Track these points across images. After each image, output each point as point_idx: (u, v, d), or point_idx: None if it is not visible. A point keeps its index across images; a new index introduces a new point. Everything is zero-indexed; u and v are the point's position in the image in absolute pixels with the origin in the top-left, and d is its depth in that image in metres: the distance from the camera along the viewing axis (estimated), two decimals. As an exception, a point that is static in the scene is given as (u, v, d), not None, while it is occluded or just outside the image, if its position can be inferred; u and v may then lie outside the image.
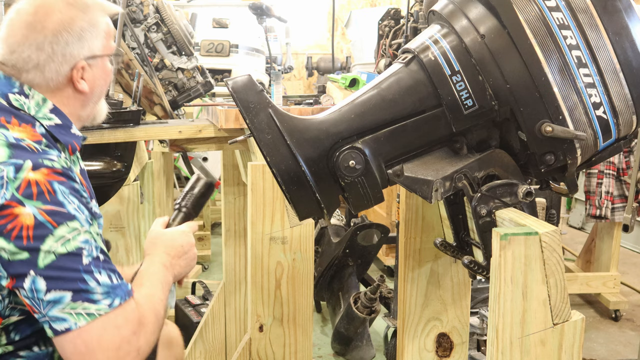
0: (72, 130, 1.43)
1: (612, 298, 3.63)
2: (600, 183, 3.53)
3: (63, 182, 1.27)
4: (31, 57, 1.36)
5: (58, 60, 1.38)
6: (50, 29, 1.36)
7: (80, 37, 1.39)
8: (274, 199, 1.90)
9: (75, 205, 1.27)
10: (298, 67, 7.35)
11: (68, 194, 1.26)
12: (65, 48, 1.38)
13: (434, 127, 1.32)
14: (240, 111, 1.30)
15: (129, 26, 2.64)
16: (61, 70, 1.39)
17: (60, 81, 1.40)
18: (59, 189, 1.25)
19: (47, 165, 1.27)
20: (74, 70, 1.40)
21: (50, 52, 1.37)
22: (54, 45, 1.37)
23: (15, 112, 1.36)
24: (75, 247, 1.24)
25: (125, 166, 2.40)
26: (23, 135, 1.32)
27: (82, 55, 1.40)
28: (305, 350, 2.01)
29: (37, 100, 1.38)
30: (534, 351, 1.19)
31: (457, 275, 1.70)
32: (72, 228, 1.24)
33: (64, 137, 1.40)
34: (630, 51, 1.24)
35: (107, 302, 1.23)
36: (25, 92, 1.38)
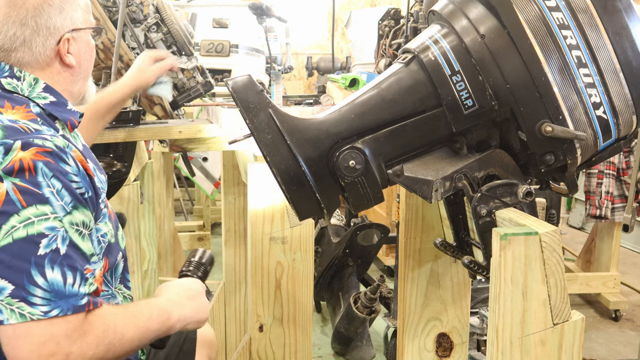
0: (68, 107, 1.42)
1: (612, 298, 3.63)
2: (600, 183, 3.53)
3: (49, 162, 1.22)
4: (16, 34, 1.36)
5: (43, 33, 1.38)
6: (30, 3, 1.37)
7: (61, 9, 1.40)
8: (274, 199, 1.90)
9: (54, 189, 1.21)
10: (298, 67, 7.35)
11: (50, 177, 1.21)
12: (49, 20, 1.38)
13: (434, 127, 1.32)
14: (240, 111, 1.30)
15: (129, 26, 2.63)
16: (47, 44, 1.39)
17: (49, 55, 1.40)
18: (42, 169, 1.21)
19: (37, 144, 1.23)
20: (60, 44, 1.40)
21: (34, 27, 1.37)
22: (37, 18, 1.37)
23: (7, 95, 1.36)
24: (36, 233, 1.17)
25: (125, 166, 2.40)
26: (17, 117, 1.31)
27: (66, 28, 1.41)
28: (305, 350, 2.01)
29: (29, 81, 1.38)
30: (534, 351, 1.19)
31: (457, 275, 1.70)
32: (40, 212, 1.18)
33: (61, 114, 1.39)
34: (630, 51, 1.24)
35: (43, 309, 1.15)
36: (16, 74, 1.38)
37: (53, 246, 1.18)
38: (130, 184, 2.50)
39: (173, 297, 1.42)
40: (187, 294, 1.46)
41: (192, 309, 1.44)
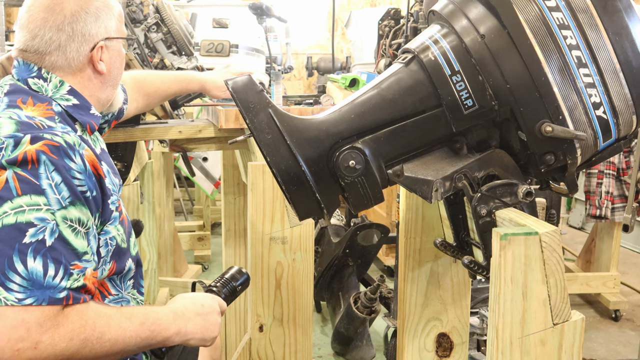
0: (90, 111, 1.46)
1: (612, 298, 3.63)
2: (600, 183, 3.53)
3: (52, 157, 1.24)
4: (52, 38, 1.40)
5: (78, 39, 1.41)
6: (68, 9, 1.40)
7: (97, 17, 1.43)
8: (274, 199, 1.90)
9: (53, 181, 1.22)
10: (298, 67, 7.35)
11: (52, 170, 1.23)
12: (84, 27, 1.42)
13: (434, 127, 1.32)
14: (240, 111, 1.30)
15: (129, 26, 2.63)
16: (82, 50, 1.42)
17: (82, 61, 1.43)
18: (44, 161, 1.23)
19: (45, 138, 1.25)
20: (94, 51, 1.44)
21: (70, 32, 1.40)
22: (73, 25, 1.40)
23: (33, 93, 1.39)
24: (25, 221, 1.18)
25: (125, 166, 2.40)
26: (35, 114, 1.34)
27: (100, 36, 1.44)
28: (305, 350, 2.01)
29: (54, 82, 1.41)
30: (534, 351, 1.19)
31: (457, 275, 1.70)
32: (34, 202, 1.20)
33: (81, 117, 1.43)
34: (630, 51, 1.24)
35: (19, 296, 1.16)
36: (43, 75, 1.41)
37: (39, 237, 1.19)
38: (130, 184, 2.50)
39: (179, 309, 1.40)
40: (197, 309, 1.42)
41: (197, 325, 1.41)
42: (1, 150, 1.23)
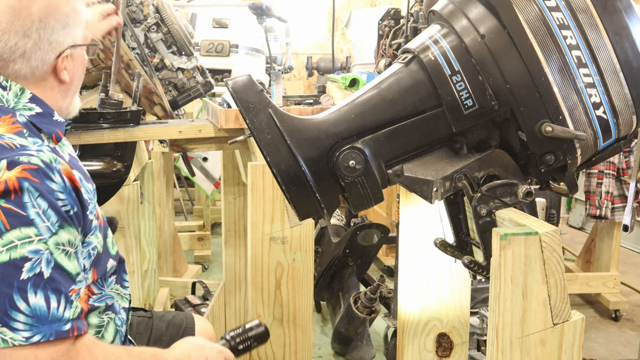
0: (54, 118, 1.37)
1: (612, 298, 3.63)
2: (600, 183, 3.53)
3: (35, 182, 1.19)
4: (18, 44, 1.31)
5: (44, 47, 1.33)
6: (37, 14, 1.31)
7: (65, 24, 1.35)
8: (274, 199, 1.90)
9: (40, 209, 1.18)
10: (298, 67, 7.35)
11: (36, 197, 1.18)
12: (52, 35, 1.33)
13: (434, 127, 1.32)
14: (240, 111, 1.30)
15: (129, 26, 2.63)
16: (47, 59, 1.34)
17: (45, 70, 1.35)
18: (28, 189, 1.18)
19: (22, 162, 1.19)
20: (58, 59, 1.36)
21: (37, 39, 1.32)
22: (40, 31, 1.32)
23: None
24: (19, 257, 1.15)
25: (125, 166, 2.40)
26: (2, 130, 1.27)
27: (66, 44, 1.36)
28: (305, 350, 2.01)
29: (15, 91, 1.33)
30: (534, 351, 1.19)
31: (457, 275, 1.70)
32: (24, 234, 1.16)
33: (46, 126, 1.34)
34: (630, 51, 1.24)
35: (25, 335, 1.14)
36: (2, 84, 1.33)
37: (37, 270, 1.16)
38: (130, 184, 2.49)
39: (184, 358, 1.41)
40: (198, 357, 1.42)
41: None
42: None
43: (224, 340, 1.53)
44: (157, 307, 3.06)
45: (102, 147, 2.31)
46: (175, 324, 1.77)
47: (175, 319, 1.79)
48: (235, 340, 1.53)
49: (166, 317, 1.80)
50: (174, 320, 1.78)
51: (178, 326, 1.77)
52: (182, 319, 1.80)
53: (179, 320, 1.79)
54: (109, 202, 2.44)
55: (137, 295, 2.59)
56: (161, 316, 1.80)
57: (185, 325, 1.77)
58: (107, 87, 2.26)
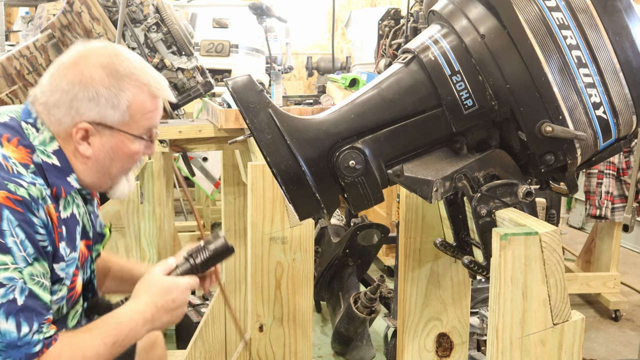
0: (68, 178, 1.37)
1: (612, 298, 3.63)
2: (600, 183, 3.53)
3: (17, 211, 1.22)
4: (45, 93, 1.35)
5: (63, 109, 1.34)
6: (69, 77, 1.34)
7: (92, 98, 1.34)
8: (274, 199, 1.90)
9: (18, 238, 1.21)
10: (298, 67, 7.35)
11: (15, 225, 1.21)
12: (73, 101, 1.34)
13: (434, 127, 1.32)
14: (240, 111, 1.30)
15: (129, 26, 2.63)
16: (63, 121, 1.35)
17: (62, 131, 1.36)
18: (7, 217, 1.21)
19: (9, 190, 1.22)
20: (74, 128, 1.35)
21: (58, 98, 1.34)
22: (63, 93, 1.34)
23: (23, 135, 1.34)
24: None
25: (125, 166, 2.39)
26: (13, 155, 1.29)
27: (88, 117, 1.35)
28: (305, 350, 2.01)
29: (44, 137, 1.36)
30: (534, 351, 1.19)
31: (457, 275, 1.70)
32: (1, 261, 1.19)
33: (52, 179, 1.34)
34: (630, 51, 1.24)
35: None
36: (37, 125, 1.36)
37: (10, 296, 1.19)
38: (130, 184, 2.49)
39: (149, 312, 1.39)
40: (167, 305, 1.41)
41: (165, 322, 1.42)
42: None
43: (186, 260, 1.49)
44: (157, 307, 3.05)
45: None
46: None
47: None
48: (196, 260, 1.49)
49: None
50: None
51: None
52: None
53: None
54: (109, 202, 2.44)
55: (137, 295, 2.59)
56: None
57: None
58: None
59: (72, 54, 1.38)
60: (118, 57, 1.37)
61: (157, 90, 1.40)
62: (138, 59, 1.40)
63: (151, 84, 1.39)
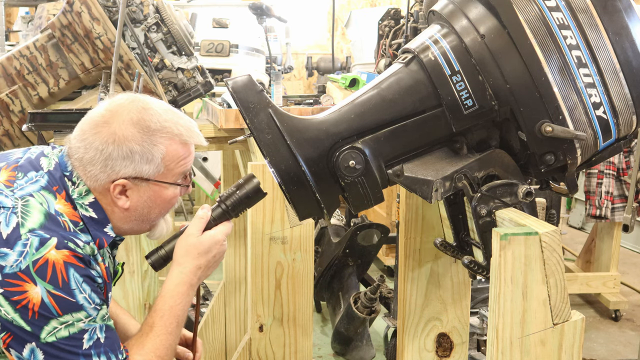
0: (105, 229, 1.41)
1: (612, 298, 3.63)
2: (600, 183, 3.53)
3: (80, 267, 1.28)
4: (79, 150, 1.37)
5: (98, 167, 1.37)
6: (102, 135, 1.36)
7: (126, 156, 1.36)
8: (274, 199, 1.90)
9: (86, 294, 1.29)
10: (298, 67, 7.35)
11: (81, 282, 1.28)
12: (107, 160, 1.36)
13: (434, 127, 1.32)
14: (240, 111, 1.30)
15: (129, 26, 2.63)
16: (99, 178, 1.38)
17: (98, 187, 1.39)
18: (73, 275, 1.27)
19: (70, 248, 1.28)
20: (111, 184, 1.38)
21: (92, 156, 1.36)
22: (97, 153, 1.36)
23: (66, 187, 1.37)
24: (78, 330, 1.27)
25: (125, 166, 2.39)
26: (64, 211, 1.34)
27: (124, 174, 1.37)
28: (305, 350, 2.01)
29: (80, 190, 1.38)
30: (534, 351, 1.19)
31: (457, 275, 1.70)
32: (77, 318, 1.27)
33: (93, 232, 1.38)
34: (630, 51, 1.24)
35: None
36: (73, 179, 1.38)
37: (94, 338, 1.30)
38: (130, 184, 2.49)
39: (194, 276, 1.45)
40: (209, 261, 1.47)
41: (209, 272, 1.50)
42: (25, 247, 1.25)
43: (219, 207, 1.48)
44: (157, 307, 3.05)
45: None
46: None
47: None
48: (228, 204, 1.48)
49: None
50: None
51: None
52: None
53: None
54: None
55: (137, 295, 2.59)
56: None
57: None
58: (107, 87, 2.26)
59: (102, 110, 1.40)
60: (147, 112, 1.39)
61: (189, 138, 1.43)
62: (167, 109, 1.43)
63: (182, 134, 1.42)
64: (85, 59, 2.53)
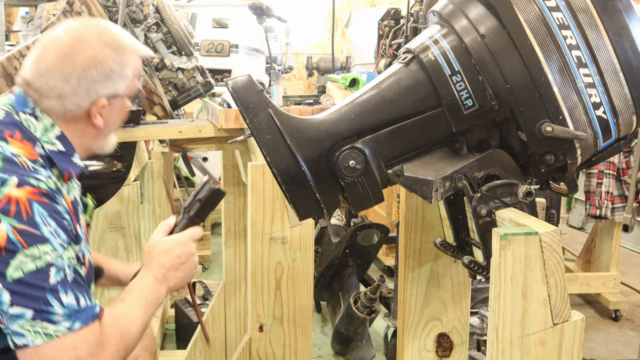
0: (73, 159, 1.43)
1: (612, 298, 3.63)
2: (600, 183, 3.53)
3: (44, 203, 1.27)
4: (56, 86, 1.37)
5: (81, 94, 1.39)
6: (81, 63, 1.37)
7: (107, 77, 1.40)
8: (274, 199, 1.90)
9: (51, 228, 1.27)
10: (298, 67, 7.35)
11: (47, 216, 1.27)
12: (91, 85, 1.39)
13: (434, 127, 1.32)
14: (240, 111, 1.30)
15: (129, 26, 2.63)
16: (82, 105, 1.40)
17: (78, 114, 1.41)
18: (38, 210, 1.26)
19: (32, 184, 1.27)
20: (93, 106, 1.41)
21: (75, 86, 1.38)
22: (81, 80, 1.38)
23: (23, 128, 1.37)
24: (45, 264, 1.25)
25: (125, 166, 2.40)
26: (21, 152, 1.33)
27: (105, 94, 1.41)
28: (305, 350, 2.01)
29: (45, 124, 1.39)
30: (534, 351, 1.19)
31: (457, 275, 1.70)
32: (42, 251, 1.25)
33: (61, 164, 1.40)
34: (630, 51, 1.24)
35: (66, 325, 1.25)
36: (36, 114, 1.39)
37: (62, 274, 1.27)
38: (130, 184, 2.49)
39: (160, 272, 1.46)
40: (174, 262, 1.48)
41: (180, 278, 1.49)
42: None
43: (182, 214, 1.54)
44: (157, 307, 3.05)
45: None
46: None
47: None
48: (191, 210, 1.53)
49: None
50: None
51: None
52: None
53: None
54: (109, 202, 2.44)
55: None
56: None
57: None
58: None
59: (66, 40, 1.40)
60: (113, 32, 1.45)
61: (142, 51, 1.50)
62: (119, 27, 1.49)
63: (140, 48, 1.49)
64: (85, 59, 2.53)
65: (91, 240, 2.50)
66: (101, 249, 2.51)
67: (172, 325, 3.26)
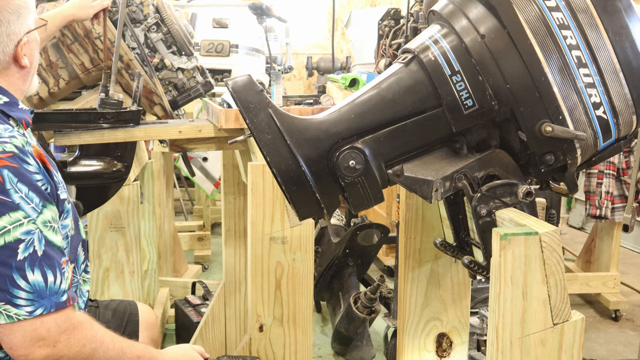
0: (20, 106, 1.44)
1: (612, 298, 3.63)
2: (600, 183, 3.53)
3: (12, 167, 1.26)
4: None
5: (4, 40, 1.40)
6: None
7: (18, 14, 1.41)
8: (274, 199, 1.90)
9: (22, 193, 1.26)
10: (298, 67, 7.35)
11: (16, 182, 1.26)
12: (8, 27, 1.40)
13: (434, 127, 1.32)
14: (240, 111, 1.30)
15: (129, 26, 2.63)
16: (7, 50, 1.41)
17: (7, 60, 1.42)
18: (7, 176, 1.25)
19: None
20: (17, 47, 1.42)
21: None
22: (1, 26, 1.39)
23: None
24: (13, 239, 1.23)
25: (125, 166, 2.40)
26: None
27: (22, 32, 1.42)
28: (305, 350, 2.01)
29: None
30: (534, 351, 1.19)
31: (457, 275, 1.70)
32: (14, 219, 1.24)
33: (16, 114, 1.41)
34: (630, 51, 1.24)
35: (28, 309, 1.24)
36: None
37: (30, 249, 1.25)
38: (130, 184, 2.49)
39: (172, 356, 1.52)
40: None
41: None
42: None
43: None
44: (156, 307, 3.06)
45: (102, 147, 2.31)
46: (120, 311, 1.88)
47: (120, 306, 1.90)
48: None
49: (111, 305, 1.90)
50: (119, 308, 1.89)
51: (123, 313, 1.87)
52: (125, 306, 1.91)
53: (123, 307, 1.90)
54: (109, 202, 2.44)
55: (137, 295, 2.59)
56: (106, 305, 1.90)
57: (130, 312, 1.88)
58: (107, 87, 2.26)
59: None
60: None
61: None
62: None
63: None
64: (85, 59, 2.54)
65: (91, 240, 2.50)
66: (101, 249, 2.51)
67: (172, 325, 3.25)
